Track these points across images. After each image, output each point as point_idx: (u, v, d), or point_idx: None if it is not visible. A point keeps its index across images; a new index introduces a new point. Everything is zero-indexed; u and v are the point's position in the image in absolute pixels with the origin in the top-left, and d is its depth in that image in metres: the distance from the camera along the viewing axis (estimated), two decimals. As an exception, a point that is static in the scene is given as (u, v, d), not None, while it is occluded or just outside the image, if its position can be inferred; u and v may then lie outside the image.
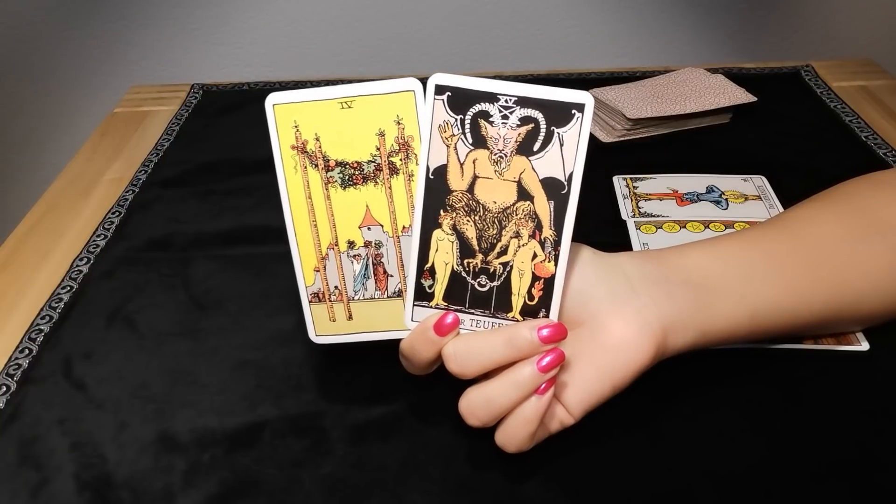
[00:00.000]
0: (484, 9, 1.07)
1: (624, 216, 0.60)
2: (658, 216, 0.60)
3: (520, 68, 0.90)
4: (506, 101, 0.36)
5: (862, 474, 0.39)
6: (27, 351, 0.50)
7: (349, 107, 0.38)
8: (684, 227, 0.58)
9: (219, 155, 0.73)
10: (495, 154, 0.37)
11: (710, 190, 0.63)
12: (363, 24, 1.08)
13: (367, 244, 0.40)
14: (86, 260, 0.59)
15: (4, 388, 0.47)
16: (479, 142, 0.37)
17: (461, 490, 0.39)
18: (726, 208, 0.60)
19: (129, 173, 0.72)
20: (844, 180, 0.49)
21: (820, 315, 0.43)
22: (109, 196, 0.68)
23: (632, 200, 0.62)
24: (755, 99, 0.72)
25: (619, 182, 0.65)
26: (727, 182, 0.64)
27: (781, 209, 0.59)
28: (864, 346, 0.47)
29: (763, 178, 0.64)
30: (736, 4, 1.08)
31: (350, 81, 0.39)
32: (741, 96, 0.72)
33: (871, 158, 0.68)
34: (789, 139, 0.71)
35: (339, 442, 0.43)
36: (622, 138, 0.70)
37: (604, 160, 0.68)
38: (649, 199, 0.62)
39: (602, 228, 0.58)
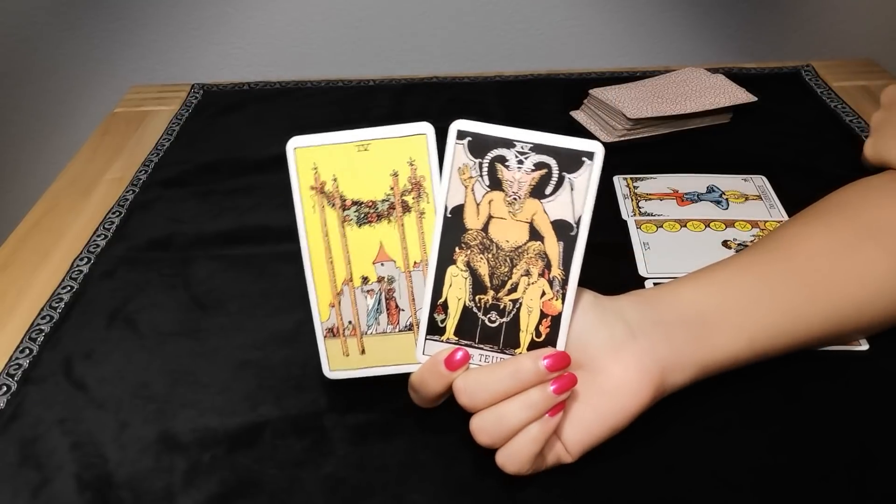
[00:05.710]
0: (484, 9, 1.07)
1: (624, 216, 0.60)
2: (658, 216, 0.60)
3: (520, 68, 0.90)
4: (521, 147, 0.38)
5: (862, 474, 0.39)
6: (28, 351, 0.50)
7: (365, 150, 0.41)
8: (685, 226, 0.58)
9: (219, 155, 0.73)
10: (510, 196, 0.39)
11: (710, 190, 0.63)
12: (363, 24, 1.08)
13: (379, 279, 0.42)
14: (86, 260, 0.59)
15: (5, 388, 0.47)
16: (496, 184, 0.39)
17: (461, 490, 0.40)
18: (727, 208, 0.60)
19: (130, 173, 0.72)
20: (844, 180, 0.49)
21: (820, 332, 0.43)
22: (110, 196, 0.68)
23: (632, 200, 0.62)
24: (755, 99, 0.72)
25: (619, 182, 0.65)
26: (727, 182, 0.64)
27: (781, 209, 0.60)
28: (864, 346, 0.47)
29: (763, 178, 0.64)
30: (736, 4, 1.08)
31: (350, 81, 0.39)
32: (741, 96, 0.72)
33: (871, 158, 0.68)
34: (789, 139, 0.71)
35: (340, 442, 0.43)
36: (622, 138, 0.71)
37: (604, 160, 0.68)
38: (650, 199, 0.62)
39: (602, 228, 0.58)
